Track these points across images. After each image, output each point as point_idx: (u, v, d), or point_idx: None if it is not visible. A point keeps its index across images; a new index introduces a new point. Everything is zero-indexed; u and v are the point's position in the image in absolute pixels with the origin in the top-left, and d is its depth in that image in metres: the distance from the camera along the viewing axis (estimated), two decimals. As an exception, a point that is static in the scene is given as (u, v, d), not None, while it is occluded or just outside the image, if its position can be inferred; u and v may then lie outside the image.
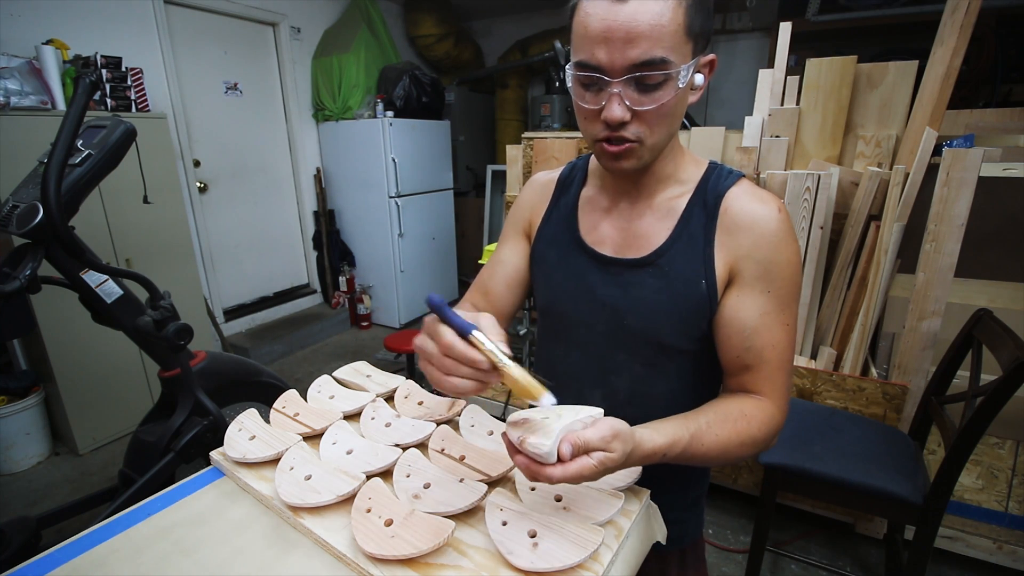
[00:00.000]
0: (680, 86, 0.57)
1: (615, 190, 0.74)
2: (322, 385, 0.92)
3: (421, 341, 0.55)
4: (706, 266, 0.66)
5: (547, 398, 0.53)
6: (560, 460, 0.49)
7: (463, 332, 0.51)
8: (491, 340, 0.52)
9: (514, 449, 0.52)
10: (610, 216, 0.73)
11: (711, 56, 0.62)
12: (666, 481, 0.73)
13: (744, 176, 0.69)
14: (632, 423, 0.57)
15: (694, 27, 0.57)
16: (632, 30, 0.54)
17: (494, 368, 0.51)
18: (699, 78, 0.62)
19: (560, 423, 0.50)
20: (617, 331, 0.72)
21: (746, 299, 0.65)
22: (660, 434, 0.56)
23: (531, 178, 0.86)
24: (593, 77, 0.58)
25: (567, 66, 0.60)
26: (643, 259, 0.69)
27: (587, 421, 0.52)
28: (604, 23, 0.55)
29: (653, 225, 0.70)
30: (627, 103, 0.58)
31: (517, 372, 0.52)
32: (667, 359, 0.71)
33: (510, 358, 0.52)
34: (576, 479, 0.49)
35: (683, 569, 0.83)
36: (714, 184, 0.68)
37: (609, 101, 0.58)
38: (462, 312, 0.54)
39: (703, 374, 0.72)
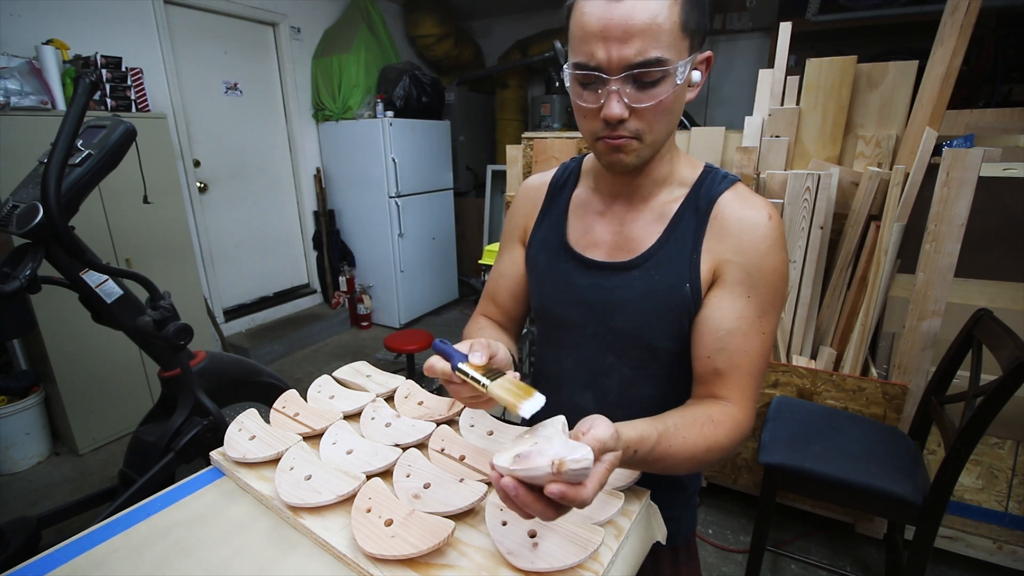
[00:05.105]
0: (678, 83, 0.58)
1: (610, 192, 0.74)
2: (322, 385, 0.92)
3: (433, 363, 0.57)
4: (691, 269, 0.66)
5: (528, 405, 0.49)
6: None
7: (453, 366, 0.56)
8: (473, 368, 0.55)
9: (521, 488, 0.44)
10: (604, 219, 0.74)
11: (708, 53, 0.63)
12: (661, 478, 0.73)
13: (739, 180, 0.69)
14: None
15: (690, 24, 0.57)
16: (629, 28, 0.55)
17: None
18: (696, 75, 0.62)
19: (556, 440, 0.45)
20: (606, 334, 0.72)
21: (724, 300, 0.65)
22: (631, 429, 0.53)
23: (524, 182, 0.86)
24: (591, 76, 0.58)
25: (565, 66, 0.61)
26: (630, 262, 0.69)
27: (567, 431, 0.49)
28: (601, 22, 0.55)
29: (645, 228, 0.70)
30: (625, 100, 0.58)
31: (496, 391, 0.52)
32: (655, 362, 0.72)
33: (493, 376, 0.54)
34: (600, 488, 0.44)
35: (676, 566, 0.83)
36: (708, 188, 0.68)
37: (608, 99, 0.58)
38: (460, 344, 0.59)
39: (691, 378, 0.71)
